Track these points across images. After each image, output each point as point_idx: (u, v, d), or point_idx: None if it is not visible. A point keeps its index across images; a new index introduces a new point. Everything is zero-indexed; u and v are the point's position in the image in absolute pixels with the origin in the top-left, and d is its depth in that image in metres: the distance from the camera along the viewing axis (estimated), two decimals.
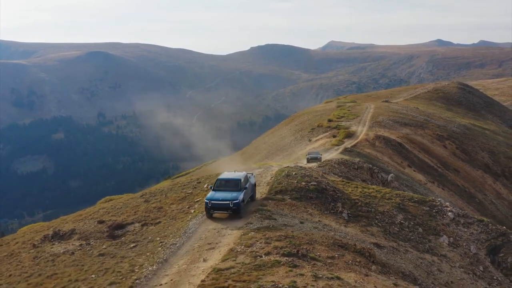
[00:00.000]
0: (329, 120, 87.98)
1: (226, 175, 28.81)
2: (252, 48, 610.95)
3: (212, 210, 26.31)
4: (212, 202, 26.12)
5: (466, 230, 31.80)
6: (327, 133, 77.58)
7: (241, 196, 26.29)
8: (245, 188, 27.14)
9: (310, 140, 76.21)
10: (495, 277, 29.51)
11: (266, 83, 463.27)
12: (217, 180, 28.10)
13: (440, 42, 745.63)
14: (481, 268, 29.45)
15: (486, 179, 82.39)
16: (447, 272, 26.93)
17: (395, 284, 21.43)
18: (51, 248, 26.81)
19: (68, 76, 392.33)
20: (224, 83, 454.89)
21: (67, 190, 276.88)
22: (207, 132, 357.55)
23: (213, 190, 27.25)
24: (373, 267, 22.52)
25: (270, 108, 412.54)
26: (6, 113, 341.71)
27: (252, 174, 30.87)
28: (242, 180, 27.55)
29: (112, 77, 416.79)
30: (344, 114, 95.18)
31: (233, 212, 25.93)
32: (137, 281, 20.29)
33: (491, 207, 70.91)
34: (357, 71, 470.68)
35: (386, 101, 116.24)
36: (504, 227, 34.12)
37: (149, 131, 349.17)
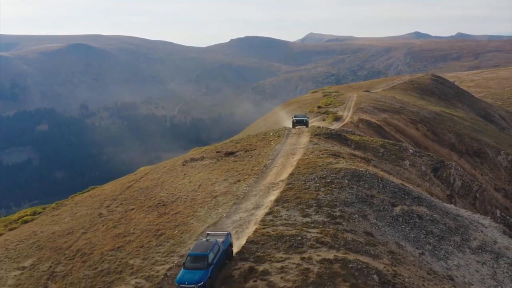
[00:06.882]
0: (319, 107, 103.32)
1: (195, 248, 29.15)
2: (232, 41, 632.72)
3: None
4: (180, 286, 27.26)
5: (419, 158, 58.76)
6: (318, 117, 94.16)
7: (208, 274, 27.44)
8: (212, 264, 28.01)
9: None
10: (435, 182, 56.41)
11: (246, 75, 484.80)
12: (187, 256, 28.84)
13: (417, 34, 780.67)
14: (427, 177, 56.29)
15: (452, 156, 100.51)
16: (407, 174, 53.64)
17: (381, 171, 47.75)
18: (197, 163, 52.09)
19: (51, 68, 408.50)
20: (205, 75, 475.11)
21: (53, 180, 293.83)
22: (189, 123, 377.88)
23: (184, 268, 28.26)
24: (370, 164, 48.94)
25: (250, 100, 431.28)
26: None
27: (227, 233, 31.33)
28: (211, 254, 28.29)
29: (94, 69, 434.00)
30: (331, 102, 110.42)
31: None
32: (265, 165, 46.12)
33: None
34: (335, 63, 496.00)
35: (367, 91, 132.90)
36: (442, 158, 61.28)
37: (132, 123, 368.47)
